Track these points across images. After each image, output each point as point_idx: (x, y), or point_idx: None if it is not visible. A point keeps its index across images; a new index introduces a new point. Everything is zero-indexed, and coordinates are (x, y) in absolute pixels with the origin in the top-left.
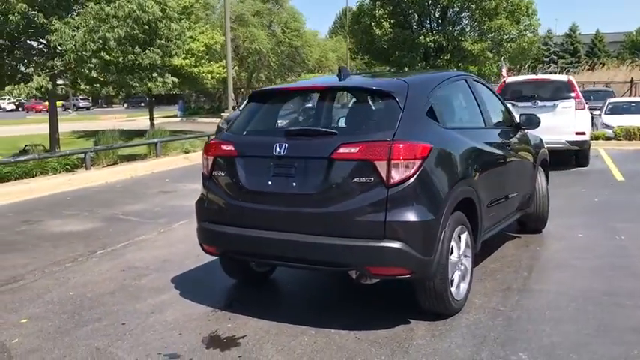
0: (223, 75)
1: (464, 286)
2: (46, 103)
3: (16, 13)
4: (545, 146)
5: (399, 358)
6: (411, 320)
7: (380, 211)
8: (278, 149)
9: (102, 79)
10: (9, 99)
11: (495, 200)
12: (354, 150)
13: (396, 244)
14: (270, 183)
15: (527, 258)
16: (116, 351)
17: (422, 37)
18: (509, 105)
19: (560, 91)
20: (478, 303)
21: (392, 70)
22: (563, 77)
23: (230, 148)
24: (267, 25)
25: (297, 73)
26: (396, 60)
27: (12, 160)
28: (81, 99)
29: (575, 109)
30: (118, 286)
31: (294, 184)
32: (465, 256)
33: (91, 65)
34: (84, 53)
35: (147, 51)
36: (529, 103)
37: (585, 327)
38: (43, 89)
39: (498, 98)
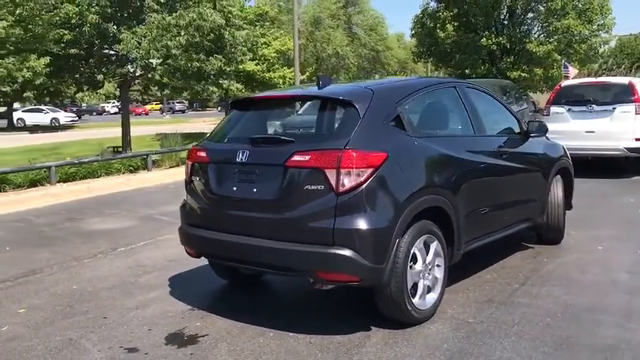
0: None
1: (433, 296)
2: (146, 107)
3: (88, 24)
4: (602, 153)
5: None
6: (372, 327)
7: (329, 218)
8: (241, 156)
9: (171, 84)
10: (113, 103)
11: (482, 210)
12: (306, 158)
13: (344, 251)
14: (235, 189)
15: (528, 270)
16: (85, 343)
17: (484, 40)
18: (562, 109)
19: (620, 95)
20: (450, 314)
21: (452, 74)
22: (624, 80)
23: (203, 154)
24: (348, 27)
25: (380, 75)
26: (458, 63)
27: (76, 162)
28: (177, 102)
29: (635, 113)
30: (119, 282)
31: (254, 189)
32: (437, 266)
33: (158, 72)
34: (150, 60)
35: (211, 58)
36: (584, 108)
37: (546, 344)
38: (111, 95)
39: (504, 106)
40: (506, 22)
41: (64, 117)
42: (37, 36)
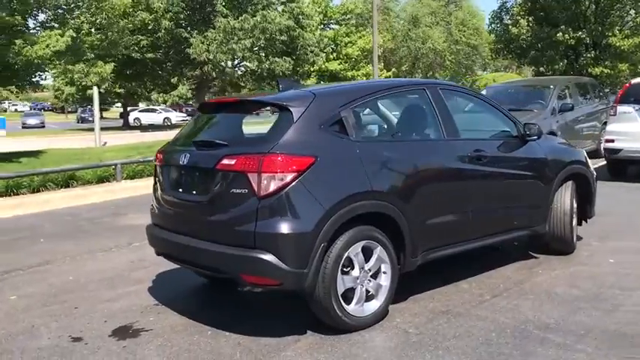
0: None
1: (376, 303)
2: None
3: (163, 30)
4: None
5: None
6: (308, 331)
7: (251, 222)
8: (183, 159)
9: (243, 85)
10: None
11: (449, 217)
12: (232, 162)
13: (264, 255)
14: (180, 190)
15: (513, 281)
16: (44, 330)
17: (560, 35)
18: (630, 108)
19: None
20: (396, 322)
21: (534, 71)
22: None
23: (161, 157)
24: (446, 24)
25: (476, 71)
26: (533, 60)
27: (141, 160)
28: None
29: None
30: (112, 275)
31: (194, 192)
32: (383, 273)
33: (229, 74)
34: (222, 63)
35: (279, 59)
36: None
37: None
38: (183, 97)
39: (497, 108)
40: (588, 15)
41: (175, 117)
42: (111, 42)
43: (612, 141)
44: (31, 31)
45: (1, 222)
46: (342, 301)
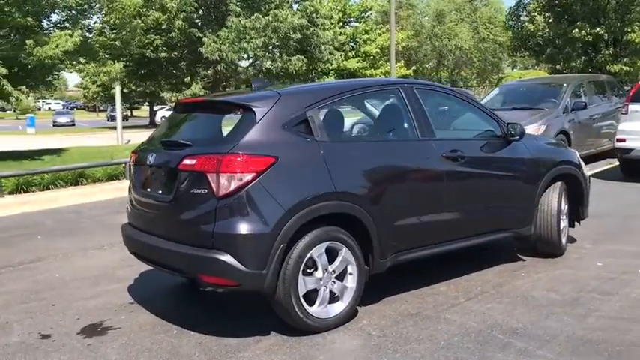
0: (398, 75)
1: (340, 305)
2: None
3: (176, 29)
4: None
5: None
6: (272, 332)
7: (210, 222)
8: (150, 159)
9: None
10: None
11: (422, 218)
12: (193, 162)
13: (222, 256)
14: (148, 190)
15: (492, 284)
16: (17, 326)
17: (576, 31)
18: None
19: None
20: (362, 324)
21: (551, 69)
22: None
23: (134, 156)
24: (472, 21)
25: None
26: (550, 57)
27: None
28: None
29: None
30: (98, 273)
31: (160, 191)
32: (349, 274)
33: (242, 73)
34: (236, 62)
35: (292, 58)
36: None
37: None
38: (197, 96)
39: (481, 109)
40: (608, 10)
41: None
42: (124, 42)
43: (623, 140)
44: (45, 32)
45: (6, 219)
46: (303, 303)
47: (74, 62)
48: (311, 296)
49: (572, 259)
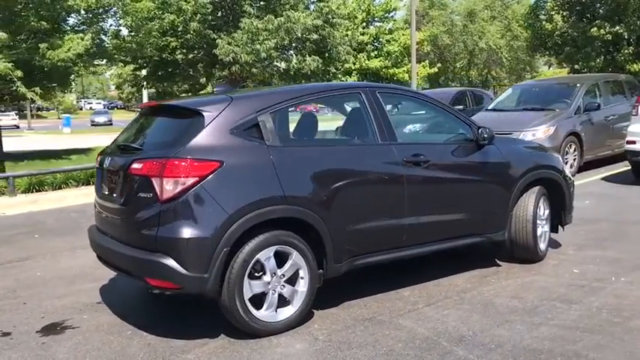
0: (423, 74)
1: (290, 309)
2: None
3: (192, 31)
4: None
5: None
6: (221, 334)
7: (154, 226)
8: (107, 162)
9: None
10: None
11: (380, 223)
12: (140, 166)
13: (164, 259)
14: (106, 193)
15: (458, 290)
16: None
17: (595, 29)
18: None
19: None
20: (312, 329)
21: (571, 69)
22: None
23: (98, 159)
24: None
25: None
26: (568, 56)
27: None
28: None
29: None
30: (78, 272)
31: (114, 194)
32: (301, 278)
33: (255, 74)
34: (248, 64)
35: (308, 59)
36: None
37: None
38: None
39: (452, 113)
40: (628, 9)
41: None
42: (138, 44)
43: (633, 142)
44: (59, 35)
45: (13, 218)
46: (249, 306)
47: (86, 65)
48: (260, 300)
49: (549, 266)
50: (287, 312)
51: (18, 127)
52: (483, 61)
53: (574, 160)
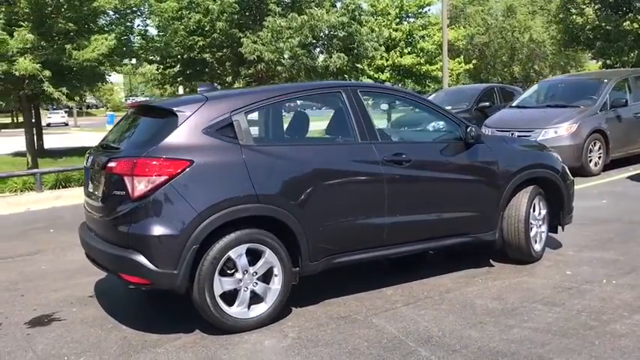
0: (458, 70)
1: (263, 306)
2: None
3: (218, 30)
4: None
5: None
6: (196, 330)
7: (127, 223)
8: (89, 161)
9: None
10: None
11: (356, 221)
12: (114, 165)
13: (134, 255)
14: (91, 191)
15: (441, 290)
16: None
17: (627, 23)
18: None
19: None
20: (285, 326)
21: (603, 64)
22: None
23: (86, 157)
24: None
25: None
26: (600, 51)
27: None
28: None
29: None
30: (80, 266)
31: (96, 192)
32: (275, 276)
33: (280, 71)
34: (273, 62)
35: (334, 56)
36: None
37: None
38: None
39: (439, 111)
40: None
41: None
42: (166, 43)
43: None
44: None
45: (35, 213)
46: (220, 303)
47: (114, 64)
48: (233, 296)
49: (542, 267)
50: (260, 309)
51: (67, 125)
52: (527, 56)
53: (599, 158)
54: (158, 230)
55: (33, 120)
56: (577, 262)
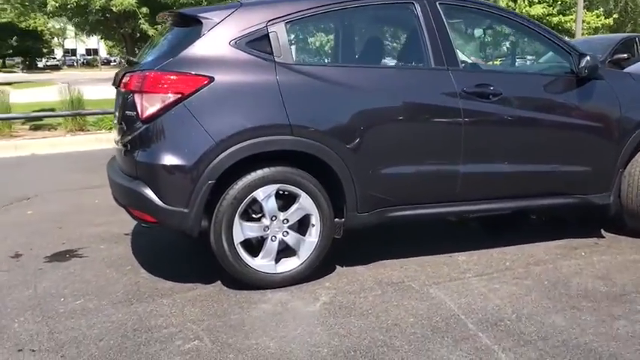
0: (596, 24)
1: (295, 261)
2: None
3: None
4: None
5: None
6: (217, 282)
7: (135, 149)
8: (115, 80)
9: None
10: None
11: (417, 167)
12: (127, 80)
13: (142, 187)
14: (116, 114)
15: (529, 262)
16: (9, 243)
17: None
18: None
19: None
20: (320, 287)
21: None
22: None
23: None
24: None
25: None
26: None
27: None
28: None
29: None
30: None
31: (117, 114)
32: (312, 226)
33: None
34: None
35: None
36: None
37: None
38: None
39: (546, 36)
40: None
41: None
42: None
43: None
44: None
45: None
46: (240, 251)
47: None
48: (259, 246)
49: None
50: (290, 264)
51: None
52: None
53: None
54: (166, 159)
55: None
56: None
